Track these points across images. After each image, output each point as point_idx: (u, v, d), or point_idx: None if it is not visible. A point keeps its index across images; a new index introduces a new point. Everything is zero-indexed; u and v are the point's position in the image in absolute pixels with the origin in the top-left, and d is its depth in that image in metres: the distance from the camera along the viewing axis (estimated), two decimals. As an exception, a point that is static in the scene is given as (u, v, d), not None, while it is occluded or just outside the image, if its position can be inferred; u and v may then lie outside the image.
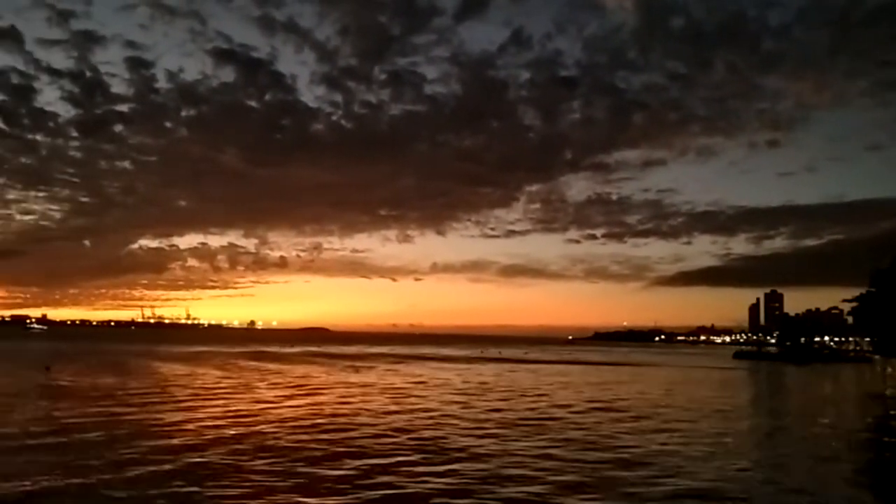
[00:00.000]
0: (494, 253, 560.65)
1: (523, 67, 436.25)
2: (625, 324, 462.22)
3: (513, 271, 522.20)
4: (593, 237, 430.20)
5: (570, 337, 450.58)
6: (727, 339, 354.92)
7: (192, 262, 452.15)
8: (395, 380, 52.63)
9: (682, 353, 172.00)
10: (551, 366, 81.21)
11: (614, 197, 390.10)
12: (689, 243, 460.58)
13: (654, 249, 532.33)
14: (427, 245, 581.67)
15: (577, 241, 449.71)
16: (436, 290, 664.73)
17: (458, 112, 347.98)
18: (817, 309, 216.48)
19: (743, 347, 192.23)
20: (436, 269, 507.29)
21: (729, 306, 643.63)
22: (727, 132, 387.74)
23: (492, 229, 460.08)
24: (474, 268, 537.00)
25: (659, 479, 17.95)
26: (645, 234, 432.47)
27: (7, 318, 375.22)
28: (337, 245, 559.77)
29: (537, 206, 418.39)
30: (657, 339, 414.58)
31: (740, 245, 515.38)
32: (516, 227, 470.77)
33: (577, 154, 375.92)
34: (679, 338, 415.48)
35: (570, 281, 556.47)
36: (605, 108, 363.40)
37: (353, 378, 53.51)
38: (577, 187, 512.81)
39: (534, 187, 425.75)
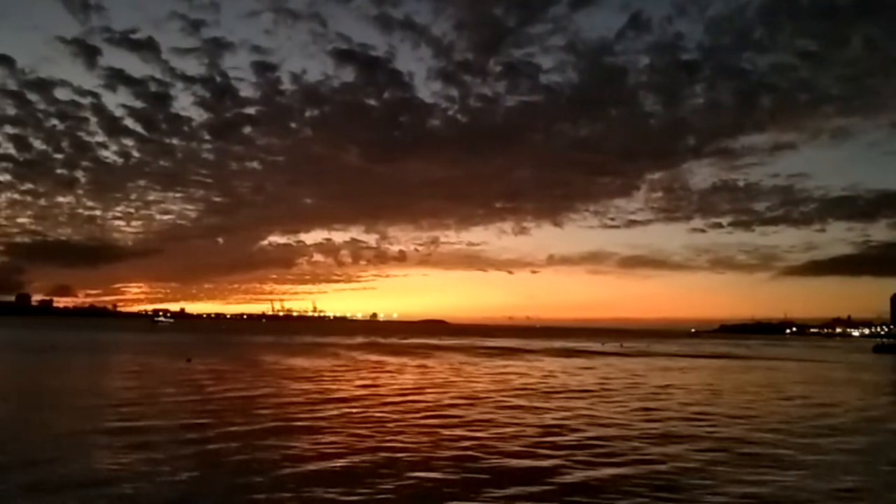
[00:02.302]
0: (614, 244, 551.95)
1: (642, 52, 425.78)
2: (753, 316, 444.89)
3: (633, 262, 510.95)
4: (719, 226, 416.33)
5: (693, 330, 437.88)
6: (865, 331, 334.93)
7: (317, 257, 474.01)
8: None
9: (815, 347, 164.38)
10: (679, 359, 79.56)
11: (741, 183, 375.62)
12: (822, 230, 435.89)
13: (784, 238, 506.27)
14: (544, 237, 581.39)
15: (702, 231, 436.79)
16: (553, 283, 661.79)
17: (575, 101, 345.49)
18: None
19: (884, 340, 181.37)
20: (553, 261, 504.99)
21: (867, 297, 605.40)
22: (865, 112, 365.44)
23: (611, 219, 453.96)
24: (593, 259, 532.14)
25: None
26: (774, 221, 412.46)
27: (150, 312, 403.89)
28: (453, 238, 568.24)
29: (659, 194, 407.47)
30: (788, 331, 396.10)
31: (881, 231, 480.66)
32: (637, 217, 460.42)
33: (701, 140, 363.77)
34: (812, 330, 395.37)
35: (693, 272, 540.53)
36: (729, 91, 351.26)
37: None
38: (702, 174, 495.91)
39: (655, 175, 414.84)
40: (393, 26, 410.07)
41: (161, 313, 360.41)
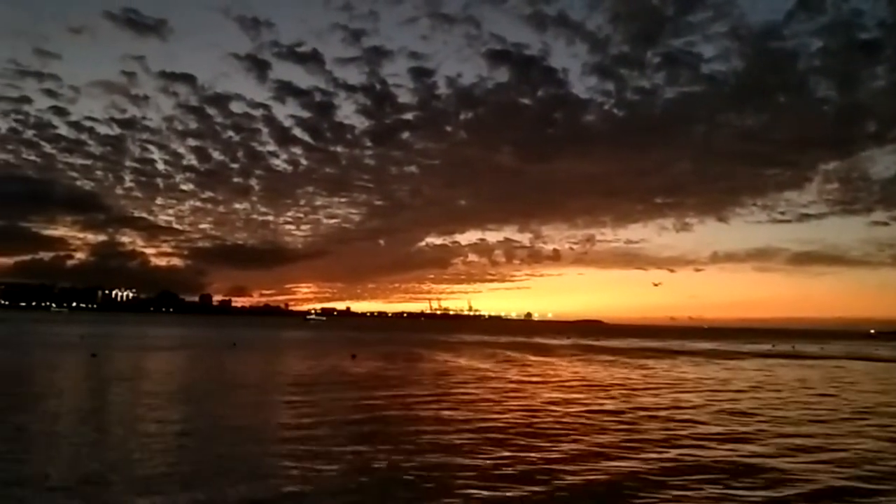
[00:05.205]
0: (784, 239, 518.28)
1: (814, 35, 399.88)
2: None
3: (805, 259, 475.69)
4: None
5: (873, 331, 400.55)
6: None
7: (472, 257, 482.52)
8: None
9: None
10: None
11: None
12: None
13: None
14: (707, 233, 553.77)
15: (885, 223, 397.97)
16: (717, 281, 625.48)
17: (739, 90, 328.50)
18: None
19: None
20: (717, 258, 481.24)
21: None
22: None
23: (781, 214, 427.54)
24: (761, 256, 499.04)
25: None
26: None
27: (318, 311, 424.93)
28: (610, 236, 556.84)
29: (834, 185, 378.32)
30: None
31: None
32: (810, 211, 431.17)
33: (883, 125, 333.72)
34: None
35: (874, 268, 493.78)
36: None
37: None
38: (884, 162, 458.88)
39: (830, 165, 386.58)
40: (547, 24, 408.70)
41: (312, 311, 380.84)
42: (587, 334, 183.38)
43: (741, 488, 14.88)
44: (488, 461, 16.87)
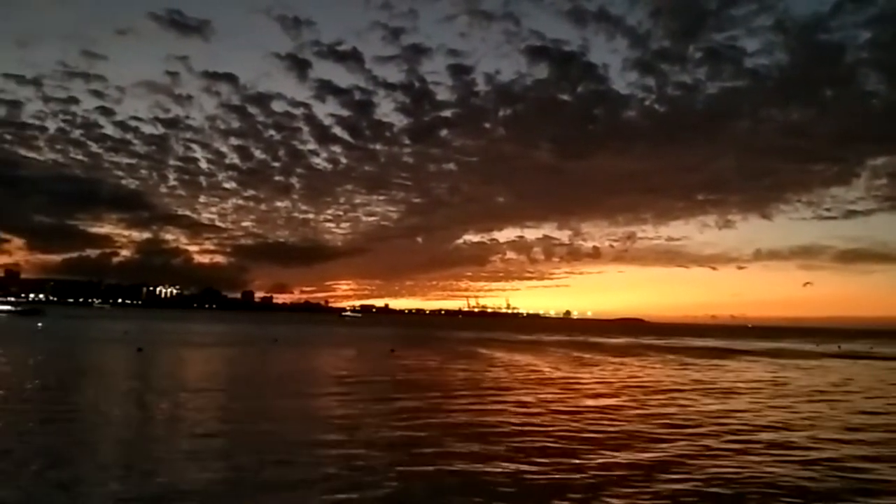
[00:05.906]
0: (829, 236, 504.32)
1: (863, 27, 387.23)
2: None
3: (852, 256, 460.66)
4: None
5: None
6: None
7: (510, 254, 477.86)
8: None
9: None
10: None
11: None
12: None
13: None
14: (750, 230, 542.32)
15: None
16: (760, 279, 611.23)
17: (783, 84, 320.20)
18: None
19: None
20: (760, 255, 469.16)
21: None
22: None
23: (827, 210, 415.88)
24: (805, 253, 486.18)
25: None
26: None
27: (358, 308, 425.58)
28: (651, 234, 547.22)
29: (883, 181, 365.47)
30: None
31: None
32: (857, 207, 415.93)
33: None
34: None
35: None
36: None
37: None
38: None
39: (879, 160, 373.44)
40: (587, 19, 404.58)
41: (348, 309, 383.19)
42: (632, 333, 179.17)
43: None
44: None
